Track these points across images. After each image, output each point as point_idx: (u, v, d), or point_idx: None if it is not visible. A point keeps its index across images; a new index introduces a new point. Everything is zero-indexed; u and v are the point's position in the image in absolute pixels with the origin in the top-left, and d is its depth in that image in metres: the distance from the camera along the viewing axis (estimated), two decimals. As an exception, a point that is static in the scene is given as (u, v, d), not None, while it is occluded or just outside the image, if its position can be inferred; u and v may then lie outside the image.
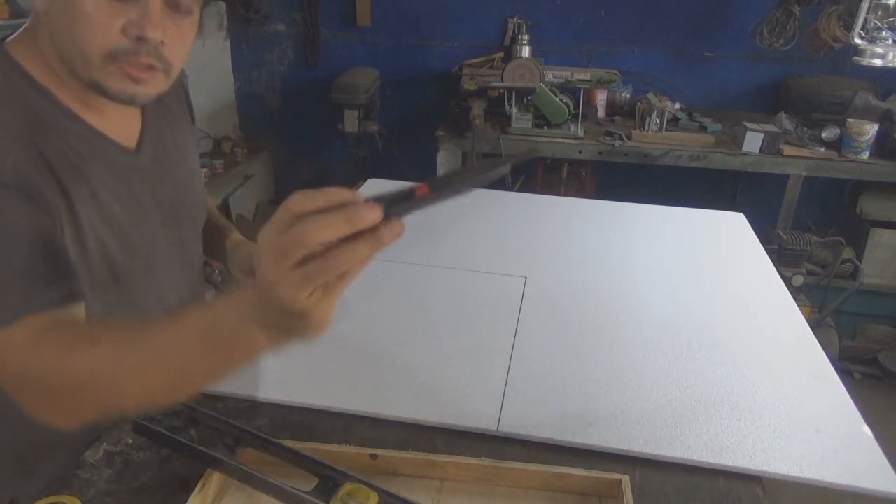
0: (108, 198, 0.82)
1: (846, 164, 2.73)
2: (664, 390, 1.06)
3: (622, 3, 3.39)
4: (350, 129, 3.24)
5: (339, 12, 3.60)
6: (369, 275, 1.40)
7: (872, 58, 2.47)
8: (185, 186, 0.99)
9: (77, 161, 0.79)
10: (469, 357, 1.13)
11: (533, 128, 2.90)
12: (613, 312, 1.30)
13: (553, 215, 1.80)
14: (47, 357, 0.66)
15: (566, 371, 1.10)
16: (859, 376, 2.96)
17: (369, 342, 1.17)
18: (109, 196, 0.83)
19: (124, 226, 0.85)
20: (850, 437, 0.98)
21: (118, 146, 0.86)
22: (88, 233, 0.79)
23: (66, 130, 0.80)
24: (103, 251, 0.82)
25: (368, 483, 0.77)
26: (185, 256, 1.00)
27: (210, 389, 1.01)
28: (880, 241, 2.97)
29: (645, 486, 0.88)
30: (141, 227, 0.89)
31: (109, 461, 0.88)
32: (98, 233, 0.80)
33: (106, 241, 0.82)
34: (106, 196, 0.82)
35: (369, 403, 1.00)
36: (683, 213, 1.85)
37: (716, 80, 3.44)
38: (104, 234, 0.81)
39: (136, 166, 0.89)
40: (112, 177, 0.84)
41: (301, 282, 0.52)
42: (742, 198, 3.42)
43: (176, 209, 0.96)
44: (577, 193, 3.14)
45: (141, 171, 0.90)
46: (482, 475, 0.86)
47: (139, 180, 0.89)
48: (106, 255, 0.82)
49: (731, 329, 1.26)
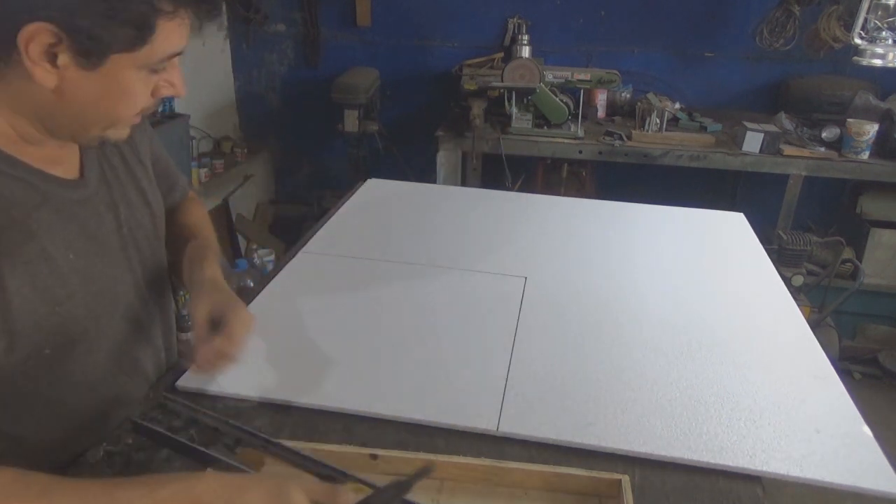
0: (60, 248, 0.80)
1: (846, 164, 2.73)
2: (664, 390, 1.06)
3: (622, 3, 3.39)
4: (350, 129, 3.24)
5: (339, 12, 3.60)
6: (370, 275, 1.41)
7: (872, 58, 2.46)
8: (138, 202, 0.96)
9: (21, 217, 0.76)
10: (469, 357, 1.13)
11: (533, 128, 2.90)
12: (613, 312, 1.30)
13: (553, 215, 1.80)
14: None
15: (566, 371, 1.10)
16: (859, 376, 2.96)
17: (369, 342, 1.17)
18: (61, 245, 0.81)
19: (81, 271, 0.83)
20: (850, 437, 0.98)
21: (61, 181, 0.83)
22: (17, 299, 0.75)
23: (8, 180, 0.76)
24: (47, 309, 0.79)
25: (369, 483, 0.77)
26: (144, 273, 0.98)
27: (210, 390, 1.02)
28: (880, 241, 2.97)
29: (645, 486, 0.88)
30: (101, 262, 0.87)
31: (109, 461, 0.88)
32: (36, 294, 0.77)
33: (55, 299, 0.79)
34: (58, 247, 0.80)
35: (369, 403, 1.00)
36: (683, 213, 1.85)
37: (716, 80, 3.44)
38: (52, 293, 0.79)
39: (83, 198, 0.86)
40: (61, 221, 0.82)
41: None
42: (742, 198, 3.42)
43: (133, 230, 0.94)
44: (577, 193, 3.14)
45: (89, 201, 0.87)
46: (482, 475, 0.86)
47: (91, 213, 0.87)
48: (50, 310, 0.79)
49: (731, 329, 1.26)
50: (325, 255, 1.49)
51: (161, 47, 0.75)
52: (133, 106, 0.79)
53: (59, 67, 0.70)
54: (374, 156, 3.53)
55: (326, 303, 1.31)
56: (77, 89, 0.73)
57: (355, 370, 1.09)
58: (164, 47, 0.75)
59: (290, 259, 1.46)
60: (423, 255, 1.50)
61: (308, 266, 1.45)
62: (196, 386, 1.03)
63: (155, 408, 0.84)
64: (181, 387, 1.03)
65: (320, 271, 1.43)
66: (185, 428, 0.82)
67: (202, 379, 1.04)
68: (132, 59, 0.74)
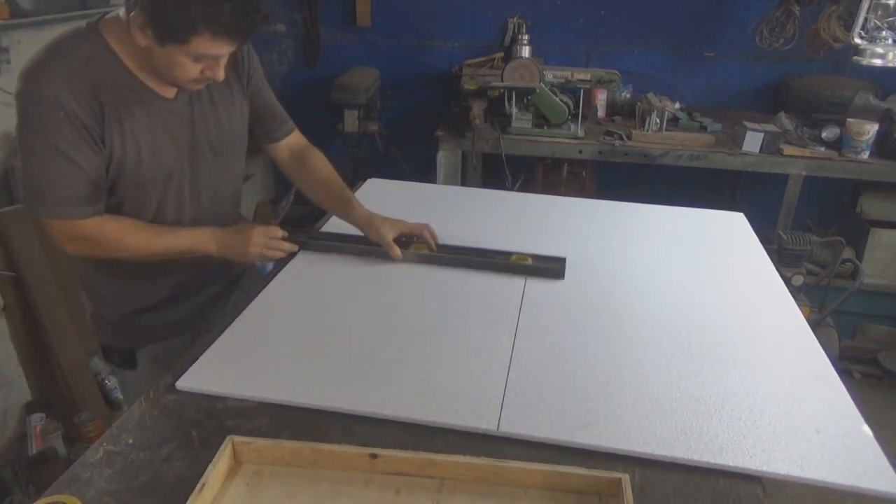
0: (143, 132, 1.24)
1: (846, 163, 2.73)
2: (664, 390, 1.07)
3: (622, 3, 3.39)
4: (350, 129, 3.23)
5: (339, 12, 3.60)
6: (370, 275, 1.41)
7: (872, 58, 2.46)
8: (213, 126, 1.35)
9: (123, 109, 1.21)
10: (469, 357, 1.14)
11: (533, 128, 2.90)
12: (613, 312, 1.30)
13: (553, 215, 1.80)
14: (108, 233, 1.25)
15: (566, 371, 1.10)
16: (859, 376, 2.96)
17: (369, 342, 1.18)
18: (144, 130, 1.24)
19: (151, 148, 1.25)
20: (850, 437, 0.98)
21: (158, 96, 1.25)
22: (118, 153, 1.22)
23: (124, 86, 1.20)
24: (133, 164, 1.24)
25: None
26: (209, 175, 1.37)
27: (210, 390, 1.02)
28: (880, 241, 2.97)
29: (645, 486, 0.88)
30: (167, 149, 1.28)
31: (109, 461, 0.89)
32: (128, 153, 1.23)
33: (135, 158, 1.24)
34: (141, 130, 1.24)
35: (369, 403, 1.00)
36: (683, 213, 1.85)
37: (716, 80, 3.44)
38: (133, 154, 1.23)
39: (170, 109, 1.27)
40: (148, 116, 1.24)
41: (261, 255, 1.36)
42: (742, 198, 3.41)
43: (199, 141, 1.33)
44: (577, 193, 3.13)
45: (174, 112, 1.28)
46: (482, 475, 0.86)
47: (172, 119, 1.28)
48: (135, 165, 1.25)
49: (731, 329, 1.26)
50: (325, 255, 1.49)
51: (200, 50, 1.12)
52: (183, 77, 1.18)
53: (146, 37, 1.12)
54: (374, 156, 3.52)
55: (326, 303, 1.31)
56: (153, 53, 1.15)
57: (355, 370, 1.09)
58: (202, 51, 1.13)
59: (290, 259, 1.46)
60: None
61: (308, 266, 1.46)
62: (196, 386, 1.03)
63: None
64: (181, 387, 1.03)
65: (320, 271, 1.43)
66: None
67: (202, 379, 1.05)
68: (181, 50, 1.12)
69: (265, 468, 0.88)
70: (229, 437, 0.88)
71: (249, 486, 0.86)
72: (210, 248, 1.33)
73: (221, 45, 1.13)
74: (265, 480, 0.87)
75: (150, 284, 1.41)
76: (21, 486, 2.12)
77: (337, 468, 0.88)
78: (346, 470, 0.88)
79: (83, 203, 1.21)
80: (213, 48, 1.13)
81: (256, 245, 1.33)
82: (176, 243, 1.31)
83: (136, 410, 0.99)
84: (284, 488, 0.86)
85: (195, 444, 0.93)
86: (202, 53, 1.13)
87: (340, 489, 0.86)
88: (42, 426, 2.22)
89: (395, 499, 0.85)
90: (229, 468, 0.87)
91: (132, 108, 1.22)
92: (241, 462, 0.89)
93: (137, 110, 1.23)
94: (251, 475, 0.88)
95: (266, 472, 0.88)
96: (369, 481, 0.87)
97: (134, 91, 1.22)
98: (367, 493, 0.85)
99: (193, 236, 1.33)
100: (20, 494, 2.10)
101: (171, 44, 1.11)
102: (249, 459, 0.89)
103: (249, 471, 0.88)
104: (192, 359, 1.11)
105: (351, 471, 0.88)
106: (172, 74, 1.19)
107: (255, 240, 1.33)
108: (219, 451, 0.86)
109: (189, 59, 1.14)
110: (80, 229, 1.22)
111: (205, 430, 0.95)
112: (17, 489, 2.11)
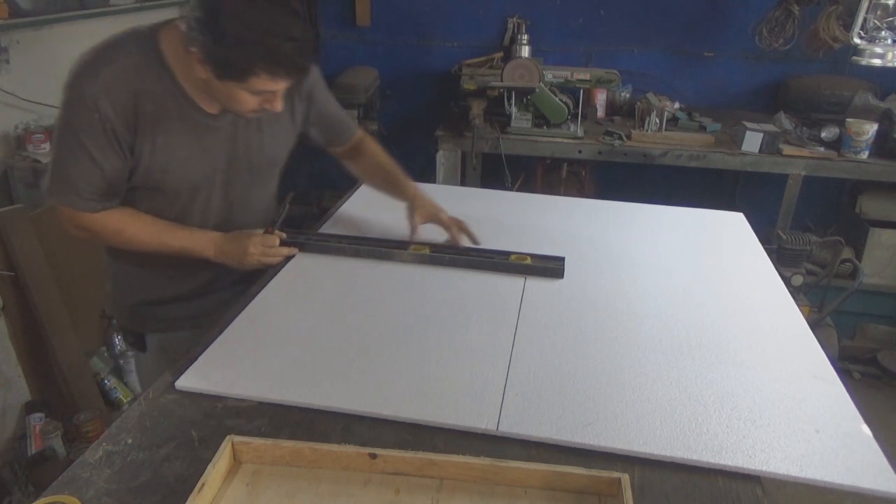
0: (176, 146, 1.28)
1: (845, 163, 2.73)
2: (664, 390, 1.07)
3: (622, 3, 3.39)
4: (350, 128, 3.23)
5: (339, 12, 3.60)
6: (369, 275, 1.41)
7: (872, 57, 2.46)
8: (255, 147, 1.38)
9: (161, 121, 1.24)
10: (469, 357, 1.13)
11: (532, 127, 2.90)
12: (613, 312, 1.30)
13: (552, 215, 1.80)
14: (111, 224, 1.31)
15: (566, 371, 1.10)
16: (859, 376, 2.96)
17: (369, 342, 1.17)
18: (177, 145, 1.28)
19: (181, 162, 1.29)
20: (850, 437, 0.98)
21: (202, 111, 1.29)
22: (146, 163, 1.27)
23: (169, 99, 1.24)
24: (160, 174, 1.29)
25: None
26: (243, 191, 1.42)
27: (210, 390, 1.02)
28: (880, 241, 2.97)
29: (644, 486, 0.88)
30: (199, 165, 1.32)
31: (109, 461, 0.89)
32: (156, 164, 1.27)
33: (162, 169, 1.28)
34: (175, 145, 1.27)
35: (369, 403, 1.00)
36: (683, 213, 1.85)
37: (715, 80, 3.44)
38: (161, 165, 1.28)
39: (211, 126, 1.31)
40: (186, 131, 1.28)
41: (259, 262, 1.38)
42: (742, 198, 3.42)
43: (239, 158, 1.37)
44: (576, 193, 3.14)
45: (216, 129, 1.32)
46: (482, 475, 0.86)
47: (211, 135, 1.31)
48: (161, 175, 1.29)
49: (730, 329, 1.26)
50: (324, 255, 1.49)
51: (257, 87, 1.17)
52: (240, 108, 1.23)
53: (205, 71, 1.16)
54: (374, 156, 3.52)
55: (326, 303, 1.31)
56: (212, 85, 1.19)
57: (355, 370, 1.09)
58: (260, 88, 1.17)
59: (290, 259, 1.46)
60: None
61: (308, 266, 1.45)
62: (195, 386, 1.03)
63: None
64: (181, 387, 1.03)
65: (320, 271, 1.43)
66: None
67: (201, 379, 1.05)
68: (240, 86, 1.17)
69: (265, 468, 0.88)
70: (229, 436, 0.88)
71: (249, 486, 0.86)
72: (208, 253, 1.36)
73: (279, 83, 1.18)
74: (265, 480, 0.87)
75: (159, 279, 1.45)
76: (20, 486, 2.12)
77: (336, 468, 0.88)
78: (346, 470, 0.88)
79: (96, 199, 1.27)
80: (271, 85, 1.17)
81: (253, 253, 1.35)
82: (173, 242, 1.34)
83: (135, 410, 0.99)
84: (284, 488, 0.86)
85: (195, 444, 0.93)
86: (260, 90, 1.18)
87: (340, 489, 0.85)
88: (41, 426, 2.22)
89: (395, 499, 0.85)
90: (229, 468, 0.87)
91: (171, 122, 1.26)
92: (241, 462, 0.89)
93: (176, 124, 1.26)
94: (251, 475, 0.87)
95: (266, 472, 0.88)
96: (369, 481, 0.87)
97: (177, 104, 1.26)
98: (367, 492, 0.85)
99: (192, 239, 1.35)
100: (19, 494, 2.10)
101: (230, 80, 1.16)
102: (249, 459, 0.89)
103: (249, 471, 0.88)
104: (192, 358, 1.11)
105: (350, 471, 0.88)
106: (230, 106, 1.24)
107: (251, 248, 1.35)
108: (218, 451, 0.86)
109: (247, 93, 1.18)
110: (87, 220, 1.29)
111: (204, 429, 0.95)
112: (16, 489, 2.11)
